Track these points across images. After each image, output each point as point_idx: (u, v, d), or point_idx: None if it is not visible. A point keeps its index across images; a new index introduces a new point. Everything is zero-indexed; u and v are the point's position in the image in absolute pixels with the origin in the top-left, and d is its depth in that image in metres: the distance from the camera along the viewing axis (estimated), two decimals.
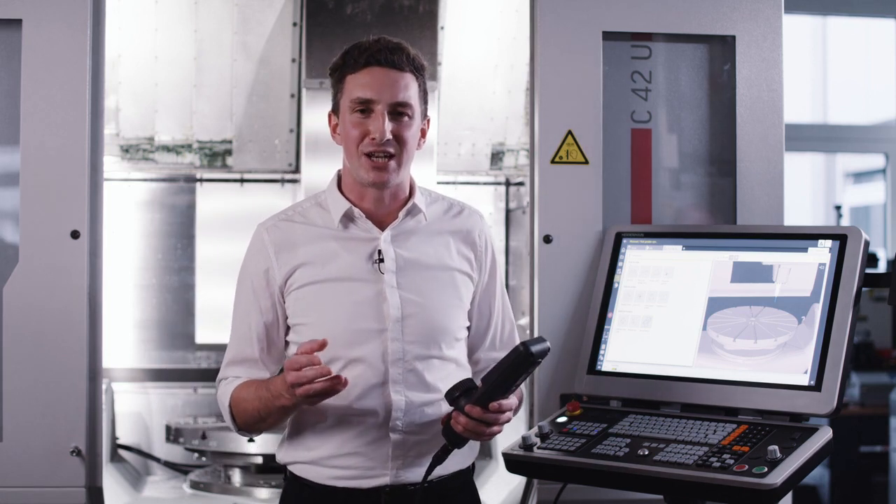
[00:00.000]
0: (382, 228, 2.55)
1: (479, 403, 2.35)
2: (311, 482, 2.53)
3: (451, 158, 4.35)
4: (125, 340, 4.22)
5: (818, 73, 12.31)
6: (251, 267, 2.58)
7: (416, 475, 2.48)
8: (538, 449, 2.73)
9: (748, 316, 2.80)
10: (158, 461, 4.05)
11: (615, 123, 3.23)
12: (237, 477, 3.69)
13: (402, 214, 2.56)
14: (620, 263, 3.05)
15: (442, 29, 4.08)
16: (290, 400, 2.37)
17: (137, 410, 4.15)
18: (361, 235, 2.55)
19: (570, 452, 2.68)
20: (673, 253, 3.00)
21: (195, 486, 3.73)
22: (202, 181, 4.29)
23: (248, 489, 3.63)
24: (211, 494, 3.66)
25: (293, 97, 4.18)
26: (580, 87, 3.17)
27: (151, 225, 4.29)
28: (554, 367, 3.10)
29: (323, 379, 2.29)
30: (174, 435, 3.81)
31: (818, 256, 2.77)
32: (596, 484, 2.68)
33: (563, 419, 2.86)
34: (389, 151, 2.47)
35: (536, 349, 2.32)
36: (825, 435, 2.57)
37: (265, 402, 2.45)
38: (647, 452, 2.60)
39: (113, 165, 4.19)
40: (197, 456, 3.87)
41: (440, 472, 2.49)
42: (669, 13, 3.22)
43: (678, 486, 2.53)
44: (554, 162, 3.15)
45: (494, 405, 2.36)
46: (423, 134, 2.57)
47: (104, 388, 3.28)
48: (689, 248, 2.98)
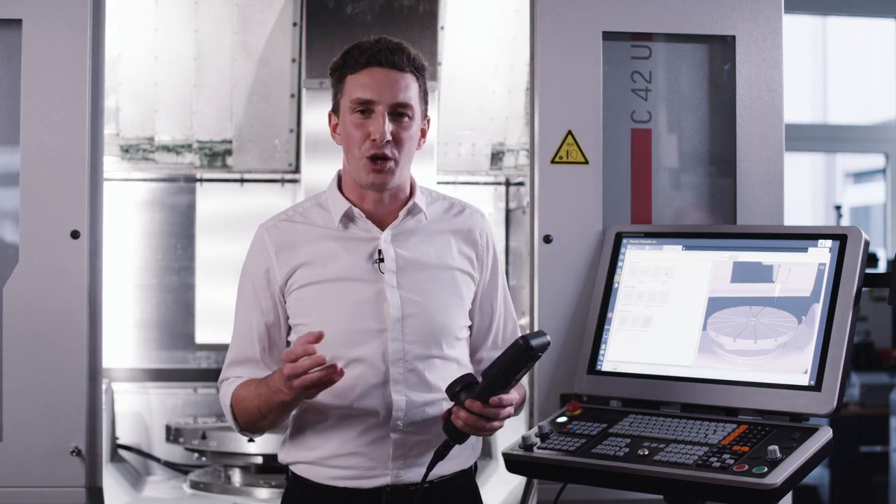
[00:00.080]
0: (383, 228, 2.55)
1: (479, 398, 2.35)
2: (312, 482, 2.53)
3: (451, 158, 4.35)
4: (125, 340, 4.22)
5: (818, 73, 12.31)
6: (252, 267, 2.58)
7: (416, 475, 2.48)
8: (538, 449, 2.72)
9: (748, 316, 2.80)
10: (158, 461, 4.05)
11: (615, 123, 3.22)
12: (237, 477, 3.69)
13: (402, 214, 2.56)
14: (620, 263, 3.05)
15: (442, 29, 4.08)
16: (288, 394, 2.37)
17: (137, 410, 4.15)
18: (362, 235, 2.55)
19: (570, 452, 2.68)
20: (673, 253, 2.99)
21: (195, 486, 3.73)
22: (202, 181, 4.28)
23: (248, 489, 3.62)
24: (211, 494, 3.66)
25: (293, 97, 4.17)
26: (580, 87, 3.16)
27: (151, 225, 4.29)
28: (554, 367, 3.10)
29: (318, 368, 2.28)
30: (174, 435, 3.80)
31: (818, 256, 2.77)
32: (596, 484, 2.67)
33: (563, 419, 2.86)
34: (389, 154, 2.46)
35: (536, 343, 2.31)
36: (825, 435, 2.57)
37: (265, 398, 2.44)
38: (647, 452, 2.60)
39: (113, 165, 4.19)
40: (197, 456, 3.86)
41: (442, 472, 2.49)
42: (669, 13, 3.21)
43: (678, 486, 2.53)
44: (554, 162, 3.15)
45: (495, 400, 2.35)
46: (423, 134, 2.57)
47: (104, 388, 3.28)
48: (689, 248, 2.98)
